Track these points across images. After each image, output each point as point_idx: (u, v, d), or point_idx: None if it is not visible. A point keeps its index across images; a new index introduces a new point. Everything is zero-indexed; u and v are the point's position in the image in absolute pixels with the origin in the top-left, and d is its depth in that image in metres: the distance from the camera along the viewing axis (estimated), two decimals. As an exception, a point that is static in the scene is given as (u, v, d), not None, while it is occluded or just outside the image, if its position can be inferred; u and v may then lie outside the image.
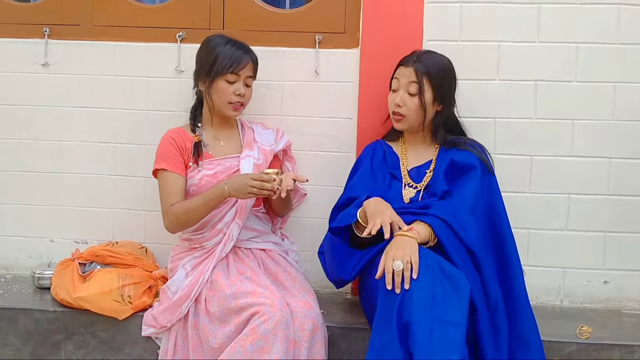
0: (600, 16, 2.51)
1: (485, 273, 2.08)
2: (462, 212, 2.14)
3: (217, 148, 2.42)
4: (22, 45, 2.72)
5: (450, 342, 1.83)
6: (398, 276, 1.92)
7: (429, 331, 1.83)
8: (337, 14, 2.61)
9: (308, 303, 2.17)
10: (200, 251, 2.36)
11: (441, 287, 1.90)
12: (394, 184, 2.33)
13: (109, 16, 2.69)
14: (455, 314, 1.87)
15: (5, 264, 2.81)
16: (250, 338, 2.02)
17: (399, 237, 2.03)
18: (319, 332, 2.16)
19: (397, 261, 1.92)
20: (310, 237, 2.65)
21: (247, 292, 2.12)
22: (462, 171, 2.25)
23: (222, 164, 2.38)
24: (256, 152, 2.41)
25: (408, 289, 1.90)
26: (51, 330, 2.39)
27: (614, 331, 2.37)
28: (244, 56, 2.32)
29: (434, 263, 1.94)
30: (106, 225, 2.75)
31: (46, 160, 2.75)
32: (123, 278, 2.39)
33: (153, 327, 2.30)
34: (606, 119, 2.55)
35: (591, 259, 2.60)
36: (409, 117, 2.30)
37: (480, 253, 2.09)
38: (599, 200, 2.57)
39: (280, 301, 2.09)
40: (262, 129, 2.53)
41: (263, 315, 2.03)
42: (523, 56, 2.54)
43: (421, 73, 2.26)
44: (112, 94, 2.70)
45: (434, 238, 2.08)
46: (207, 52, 2.34)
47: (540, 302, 2.61)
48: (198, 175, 2.34)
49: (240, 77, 2.32)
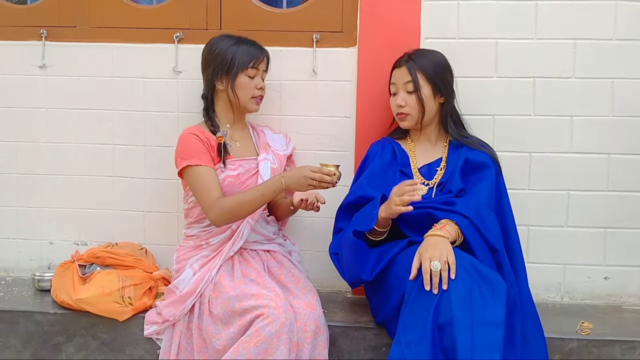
0: (598, 12, 2.51)
1: (505, 271, 2.09)
2: (484, 210, 2.15)
3: (234, 148, 2.40)
4: (20, 48, 2.71)
5: (491, 343, 1.83)
6: (436, 277, 1.91)
7: (470, 332, 1.83)
8: (335, 12, 2.61)
9: (311, 304, 2.17)
10: (206, 249, 2.35)
11: (478, 288, 1.89)
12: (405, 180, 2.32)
13: (106, 18, 2.69)
14: (494, 314, 1.86)
15: (6, 267, 2.81)
16: (254, 340, 2.02)
17: (432, 238, 2.02)
18: (322, 333, 2.16)
19: (435, 262, 1.91)
20: (310, 237, 2.65)
21: (251, 294, 2.11)
22: (476, 169, 2.26)
23: (243, 166, 2.37)
24: (271, 156, 2.42)
25: (446, 290, 1.89)
26: (52, 333, 2.39)
27: (615, 327, 2.37)
28: (259, 51, 2.37)
29: (468, 263, 1.94)
30: (106, 227, 2.75)
31: (45, 162, 2.75)
32: (123, 279, 2.38)
33: (155, 324, 2.29)
34: (605, 115, 2.55)
35: (591, 255, 2.60)
36: (412, 114, 2.32)
37: (502, 251, 2.10)
38: (598, 196, 2.57)
39: (284, 303, 2.08)
40: (273, 133, 2.54)
41: (267, 318, 2.03)
42: (521, 53, 2.54)
43: (414, 69, 2.29)
44: (110, 95, 2.70)
45: (460, 238, 2.08)
46: (221, 51, 2.33)
47: (541, 298, 2.61)
48: (221, 176, 2.31)
49: (259, 71, 2.36)
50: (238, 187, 2.32)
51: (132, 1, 2.72)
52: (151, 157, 2.68)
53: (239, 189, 2.31)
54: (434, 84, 2.30)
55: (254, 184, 2.32)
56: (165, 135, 2.65)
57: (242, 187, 2.32)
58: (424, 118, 2.32)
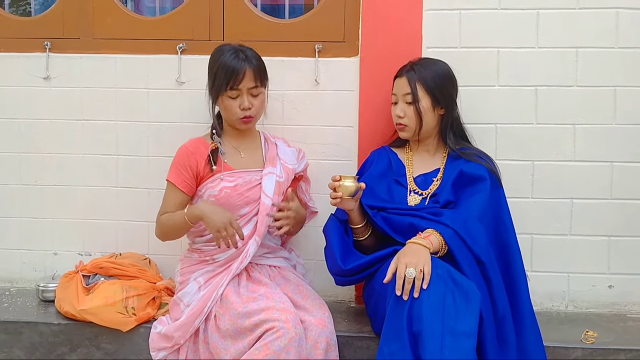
0: (599, 20, 2.52)
1: (494, 284, 2.08)
2: (472, 222, 2.14)
3: (237, 160, 2.38)
4: (24, 60, 2.73)
5: (462, 353, 1.83)
6: (409, 283, 1.92)
7: (440, 341, 1.83)
8: (336, 22, 2.62)
9: (322, 321, 2.16)
10: (212, 265, 2.33)
11: (452, 297, 1.90)
12: (399, 190, 2.33)
13: (110, 29, 2.70)
14: (466, 324, 1.87)
15: (10, 277, 2.82)
16: (263, 354, 2.00)
17: (413, 245, 2.03)
18: (332, 350, 2.15)
19: (411, 269, 1.92)
20: (312, 246, 2.65)
21: (261, 309, 2.09)
22: (471, 182, 2.25)
23: (243, 177, 2.34)
24: (279, 169, 2.37)
25: (418, 298, 1.90)
26: (56, 343, 2.39)
27: (620, 336, 2.36)
28: (240, 67, 2.24)
29: (444, 272, 1.94)
30: (109, 237, 2.75)
31: (49, 173, 2.76)
32: (127, 290, 2.39)
33: (164, 350, 2.25)
34: (607, 123, 2.55)
35: (595, 263, 2.59)
36: (409, 125, 2.32)
37: (489, 263, 2.09)
38: (602, 204, 2.57)
39: (294, 317, 2.07)
40: (286, 146, 2.49)
41: (277, 332, 2.01)
42: (523, 62, 2.54)
43: (413, 81, 2.29)
44: (114, 106, 2.71)
45: (444, 248, 2.08)
46: (210, 67, 2.34)
47: (545, 307, 2.61)
48: (218, 187, 2.30)
49: (241, 90, 2.27)
50: (236, 199, 2.29)
51: (135, 12, 2.73)
52: (155, 168, 2.69)
53: (237, 201, 2.30)
54: (433, 96, 2.29)
55: (255, 196, 2.31)
56: (168, 146, 2.64)
57: (241, 199, 2.30)
58: (422, 130, 2.31)
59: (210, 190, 2.31)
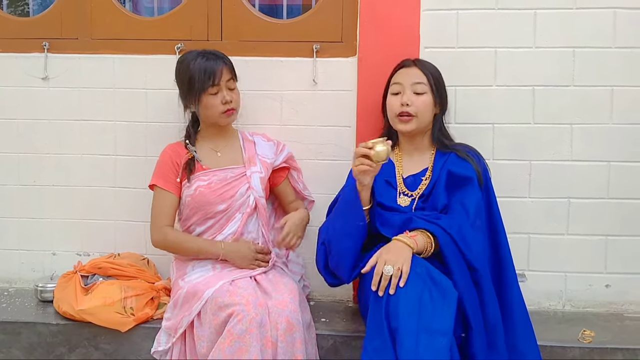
0: (597, 20, 2.52)
1: (485, 291, 2.07)
2: (467, 227, 2.13)
3: (213, 159, 2.43)
4: (22, 60, 2.73)
5: (436, 351, 1.84)
6: (385, 280, 1.93)
7: (414, 339, 1.84)
8: (334, 23, 2.62)
9: (282, 302, 2.14)
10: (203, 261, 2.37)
11: (429, 295, 1.91)
12: (389, 191, 2.31)
13: (108, 29, 2.71)
14: (441, 322, 1.88)
15: (8, 278, 2.82)
16: (228, 340, 2.03)
17: (397, 242, 2.04)
18: (297, 329, 2.11)
19: (389, 266, 1.94)
20: (310, 245, 2.64)
21: (226, 290, 2.14)
22: (460, 183, 2.23)
23: (217, 175, 2.39)
24: (259, 166, 2.43)
25: (394, 294, 1.91)
26: (54, 344, 2.40)
27: (617, 335, 2.37)
28: (216, 65, 2.32)
29: (423, 271, 1.95)
30: (108, 237, 2.76)
31: (47, 174, 2.76)
32: (125, 290, 2.39)
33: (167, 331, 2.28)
34: (604, 123, 2.55)
35: (592, 263, 2.60)
36: (419, 116, 2.28)
37: (482, 270, 2.09)
38: (599, 204, 2.57)
39: (255, 299, 2.09)
40: (264, 141, 2.52)
41: (238, 315, 2.04)
42: (520, 62, 2.55)
43: (427, 73, 2.30)
44: (112, 106, 2.72)
45: (430, 250, 2.08)
46: (181, 77, 2.38)
47: (542, 307, 2.61)
48: (193, 186, 2.36)
49: (220, 86, 2.33)
50: (211, 195, 2.34)
51: (133, 13, 2.74)
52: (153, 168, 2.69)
53: (212, 198, 2.34)
54: (438, 93, 2.30)
55: (230, 193, 2.36)
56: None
57: (215, 196, 2.34)
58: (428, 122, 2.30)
59: (187, 191, 2.37)
